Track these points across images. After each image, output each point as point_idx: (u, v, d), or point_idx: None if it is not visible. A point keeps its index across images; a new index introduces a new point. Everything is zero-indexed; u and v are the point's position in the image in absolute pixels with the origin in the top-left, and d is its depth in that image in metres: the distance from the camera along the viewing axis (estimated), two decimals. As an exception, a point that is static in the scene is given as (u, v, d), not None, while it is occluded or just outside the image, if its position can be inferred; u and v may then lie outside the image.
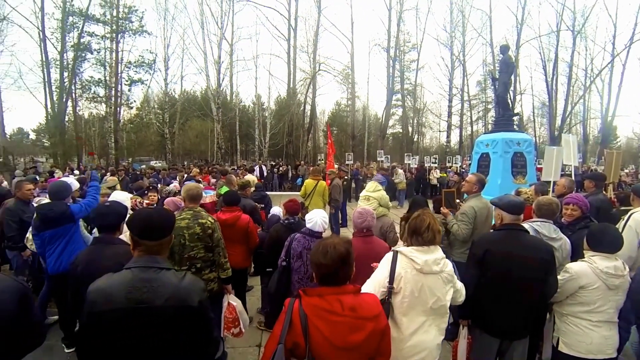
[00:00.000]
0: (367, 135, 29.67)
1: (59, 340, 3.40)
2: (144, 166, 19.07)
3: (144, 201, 4.08)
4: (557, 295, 2.29)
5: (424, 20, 27.60)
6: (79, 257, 2.16)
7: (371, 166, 15.01)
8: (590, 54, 25.30)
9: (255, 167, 15.72)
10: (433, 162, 17.51)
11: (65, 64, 18.60)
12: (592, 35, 25.04)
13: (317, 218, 2.84)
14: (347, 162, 16.03)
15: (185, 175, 9.43)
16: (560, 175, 5.77)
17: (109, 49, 20.78)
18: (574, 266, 2.27)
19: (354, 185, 13.97)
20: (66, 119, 20.13)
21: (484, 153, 8.15)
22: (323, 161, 18.38)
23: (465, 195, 3.89)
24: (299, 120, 24.65)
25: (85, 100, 20.75)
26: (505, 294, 2.28)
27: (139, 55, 21.82)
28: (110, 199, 3.77)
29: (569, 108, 25.62)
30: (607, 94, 24.95)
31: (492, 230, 2.91)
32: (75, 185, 3.96)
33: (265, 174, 16.65)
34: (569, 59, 25.20)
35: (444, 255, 1.94)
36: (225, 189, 5.31)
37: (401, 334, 1.85)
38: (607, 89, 24.97)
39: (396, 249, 1.96)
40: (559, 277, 2.28)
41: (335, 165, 10.95)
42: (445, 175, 15.33)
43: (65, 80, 18.74)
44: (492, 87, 14.94)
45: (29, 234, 3.75)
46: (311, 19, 24.60)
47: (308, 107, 25.17)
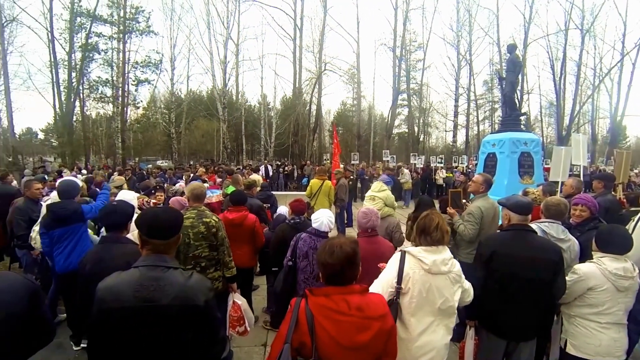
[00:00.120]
0: (373, 135, 29.58)
1: (67, 337, 3.43)
2: (150, 166, 19.22)
3: (151, 200, 4.11)
4: (565, 296, 2.27)
5: (431, 19, 27.50)
6: (87, 256, 2.19)
7: (377, 166, 14.96)
8: (599, 53, 25.02)
9: (261, 167, 15.79)
10: (439, 162, 17.40)
11: (73, 64, 18.83)
12: (602, 34, 24.78)
13: (324, 218, 2.84)
14: (353, 162, 16.01)
15: (192, 175, 9.49)
16: (569, 176, 5.72)
17: (116, 49, 20.99)
18: (583, 267, 2.25)
19: (359, 185, 13.94)
20: (74, 119, 20.33)
21: (490, 153, 8.08)
22: (329, 161, 18.37)
23: (472, 196, 3.87)
24: (305, 120, 24.67)
25: (92, 101, 20.97)
26: (513, 295, 2.26)
27: (146, 56, 22.09)
28: (117, 198, 3.82)
29: (577, 107, 25.33)
30: (617, 93, 24.71)
31: (499, 230, 2.88)
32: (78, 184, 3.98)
33: (271, 173, 16.68)
34: (577, 58, 24.91)
35: (452, 255, 1.93)
36: (231, 188, 5.34)
37: (409, 335, 1.84)
38: (617, 88, 24.72)
39: (404, 249, 1.96)
40: (567, 279, 2.26)
41: (341, 165, 10.93)
42: (451, 175, 15.22)
43: (73, 80, 18.97)
44: (499, 87, 14.86)
45: (33, 232, 3.77)
46: (317, 18, 24.68)
47: (314, 107, 25.21)
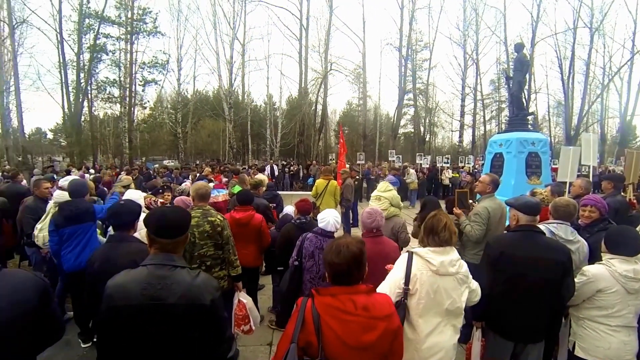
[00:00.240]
0: (379, 134, 29.50)
1: (75, 335, 3.48)
2: (157, 165, 19.34)
3: (158, 200, 4.14)
4: (574, 298, 2.24)
5: (437, 18, 27.18)
6: (96, 255, 2.22)
7: (383, 166, 14.92)
8: (608, 52, 24.60)
9: (267, 167, 15.82)
10: (445, 162, 17.31)
11: (81, 65, 19.08)
12: (611, 32, 24.31)
13: (330, 218, 2.84)
14: (359, 162, 15.98)
15: (198, 175, 9.54)
16: (577, 176, 5.65)
17: (124, 50, 21.25)
18: (592, 269, 2.21)
19: (365, 185, 13.91)
20: (82, 119, 20.56)
21: (497, 153, 8.02)
22: (334, 161, 18.35)
23: (479, 196, 3.84)
24: (310, 120, 24.64)
25: (100, 101, 21.21)
26: (521, 296, 2.24)
27: (153, 56, 22.27)
28: (124, 197, 3.86)
29: (586, 107, 24.95)
30: (627, 92, 24.30)
31: (507, 231, 2.86)
32: None
33: (277, 173, 16.70)
34: (586, 57, 24.50)
35: (459, 256, 1.92)
36: (238, 188, 5.35)
37: (417, 336, 1.84)
38: (627, 87, 24.31)
39: (411, 250, 1.95)
40: (575, 280, 2.23)
41: (347, 165, 10.92)
42: (457, 175, 15.13)
43: (81, 81, 19.23)
44: (506, 86, 14.70)
45: (36, 230, 3.78)
46: (322, 18, 24.74)
47: (319, 107, 25.16)
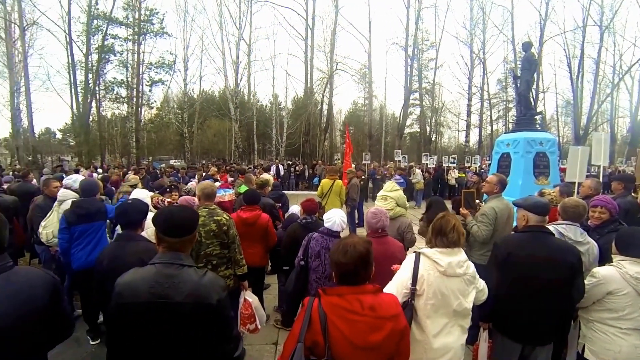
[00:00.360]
0: (384, 134, 29.41)
1: (84, 332, 3.52)
2: (163, 165, 19.48)
3: (166, 199, 4.17)
4: (584, 300, 2.21)
5: (443, 18, 27.07)
6: (104, 253, 2.25)
7: (389, 166, 14.87)
8: (619, 50, 24.30)
9: (272, 166, 15.86)
10: (451, 162, 17.21)
11: (89, 65, 19.28)
12: (622, 30, 24.01)
13: (336, 217, 2.83)
14: (364, 162, 15.95)
15: (204, 174, 9.60)
16: (586, 176, 5.57)
17: (131, 51, 21.41)
18: (602, 270, 2.18)
19: (370, 185, 13.88)
20: (90, 119, 20.80)
21: (504, 153, 7.95)
22: (340, 160, 18.35)
23: (485, 196, 3.81)
24: (316, 120, 24.67)
25: (108, 101, 21.44)
26: (529, 297, 2.21)
27: (160, 57, 22.47)
28: (131, 196, 3.90)
29: (596, 106, 24.60)
30: (638, 91, 24.03)
31: (514, 232, 2.83)
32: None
33: (282, 173, 16.75)
34: (595, 56, 24.18)
35: (467, 257, 1.91)
36: (244, 187, 5.37)
37: (425, 337, 1.83)
38: (638, 86, 24.03)
39: (419, 251, 1.94)
40: (585, 282, 2.20)
41: (353, 165, 10.91)
42: (463, 175, 15.03)
43: (89, 81, 19.44)
44: (514, 86, 14.57)
45: (41, 228, 3.82)
46: (328, 18, 24.63)
47: (325, 107, 25.19)
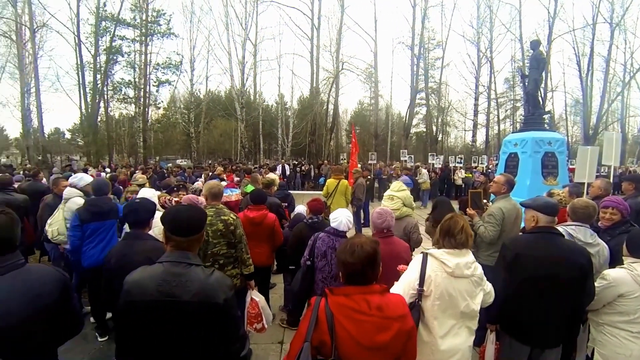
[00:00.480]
0: (390, 134, 29.26)
1: (92, 329, 3.56)
2: (170, 164, 19.66)
3: (173, 199, 4.20)
4: (594, 303, 2.18)
5: (450, 16, 26.77)
6: (112, 251, 2.27)
7: (395, 166, 14.82)
8: (630, 48, 23.86)
9: (278, 166, 15.89)
10: (458, 162, 17.08)
11: (98, 66, 19.53)
12: (632, 28, 23.65)
13: (343, 217, 2.82)
14: (370, 162, 15.91)
15: (210, 174, 9.66)
16: (596, 177, 5.50)
17: (139, 52, 21.59)
18: (612, 273, 2.14)
19: (376, 185, 13.84)
20: (98, 119, 21.05)
21: (512, 153, 7.88)
22: (345, 160, 18.33)
23: (492, 197, 3.77)
24: (322, 120, 24.65)
25: (116, 101, 21.62)
26: (538, 299, 2.18)
27: (167, 57, 22.55)
28: (138, 195, 3.93)
29: (606, 105, 24.24)
30: (649, 89, 23.55)
31: (522, 233, 2.80)
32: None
33: (288, 172, 16.77)
34: (605, 54, 23.80)
35: (475, 259, 1.89)
36: (250, 187, 5.39)
37: (433, 338, 1.82)
38: (649, 84, 23.55)
39: (426, 251, 1.93)
40: (595, 284, 2.16)
41: (359, 165, 10.89)
42: (470, 175, 14.93)
43: (98, 82, 19.69)
44: (522, 85, 14.41)
45: (47, 225, 3.89)
46: (334, 18, 24.63)
47: (331, 107, 25.19)
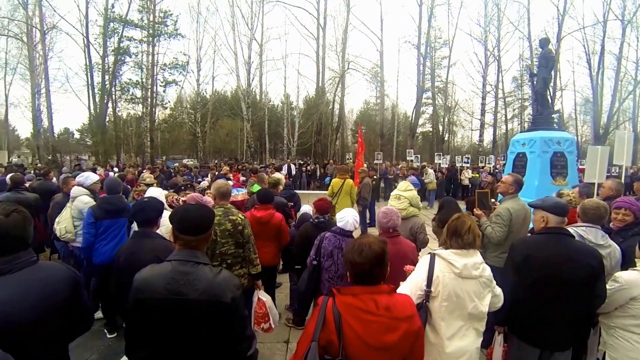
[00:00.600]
0: (396, 134, 29.13)
1: (101, 325, 3.60)
2: (177, 164, 19.82)
3: (180, 198, 4.24)
4: (605, 306, 2.13)
5: (457, 15, 26.68)
6: (121, 249, 2.31)
7: (401, 166, 14.76)
8: (642, 45, 23.40)
9: (284, 166, 15.93)
10: (465, 162, 16.94)
11: (106, 67, 19.80)
12: (645, 24, 23.16)
13: (349, 217, 2.83)
14: (376, 162, 15.86)
15: (217, 173, 9.71)
16: (606, 177, 5.41)
17: (146, 52, 21.79)
18: (624, 275, 2.09)
19: (382, 184, 13.80)
20: (107, 120, 21.33)
21: (520, 153, 7.78)
22: (351, 160, 18.29)
23: (500, 197, 3.73)
24: (328, 119, 24.61)
25: (123, 102, 21.89)
26: (547, 301, 2.15)
27: (173, 58, 22.75)
28: (146, 195, 3.97)
29: (617, 104, 23.77)
30: (663, 88, 23.05)
31: (531, 234, 2.76)
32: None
33: (294, 172, 16.79)
34: (617, 51, 23.24)
35: (483, 259, 1.87)
36: (257, 187, 5.41)
37: (440, 339, 1.81)
38: (663, 82, 23.05)
39: (434, 252, 1.92)
40: (607, 287, 2.12)
41: (365, 164, 10.87)
42: (477, 175, 14.80)
43: (106, 82, 19.96)
44: (530, 83, 14.24)
45: (56, 223, 3.98)
46: (340, 17, 24.49)
47: (337, 106, 25.11)
